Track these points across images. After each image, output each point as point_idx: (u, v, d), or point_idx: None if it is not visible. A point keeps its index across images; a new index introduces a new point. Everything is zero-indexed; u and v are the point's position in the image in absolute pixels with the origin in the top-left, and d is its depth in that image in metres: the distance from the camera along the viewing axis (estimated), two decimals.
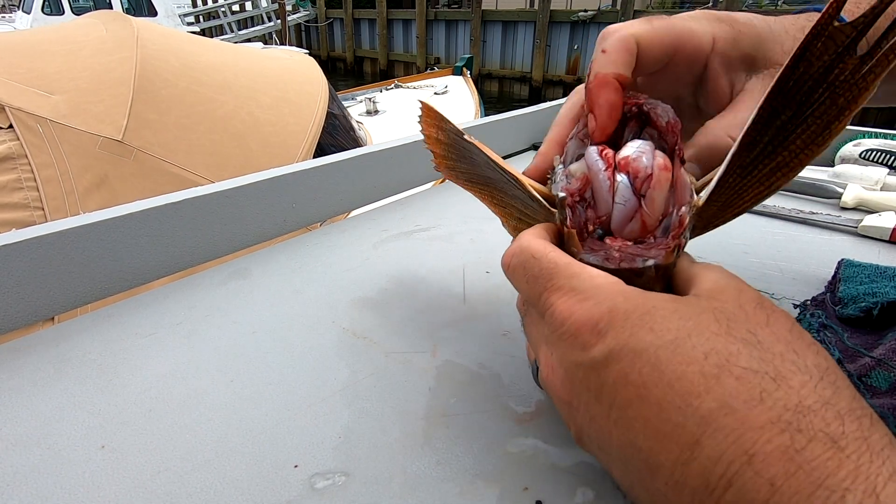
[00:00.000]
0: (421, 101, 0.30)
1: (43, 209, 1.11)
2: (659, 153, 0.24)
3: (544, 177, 0.28)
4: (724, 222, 0.25)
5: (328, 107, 1.73)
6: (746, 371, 0.16)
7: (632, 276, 0.21)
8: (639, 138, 0.25)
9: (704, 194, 0.23)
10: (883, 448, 0.15)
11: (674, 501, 0.17)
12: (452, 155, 0.30)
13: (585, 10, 8.47)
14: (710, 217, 0.25)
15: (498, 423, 0.26)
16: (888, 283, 0.34)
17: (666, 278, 0.22)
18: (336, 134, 1.78)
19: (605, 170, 0.24)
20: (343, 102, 2.50)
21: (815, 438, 0.15)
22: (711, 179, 0.23)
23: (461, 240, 0.47)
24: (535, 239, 0.23)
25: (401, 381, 0.29)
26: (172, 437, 0.26)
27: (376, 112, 2.95)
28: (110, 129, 1.23)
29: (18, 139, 1.14)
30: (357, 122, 2.31)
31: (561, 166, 0.26)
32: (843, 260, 0.39)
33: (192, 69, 1.49)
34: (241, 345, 0.33)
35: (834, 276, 0.37)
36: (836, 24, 0.20)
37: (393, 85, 3.70)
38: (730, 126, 0.26)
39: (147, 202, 0.39)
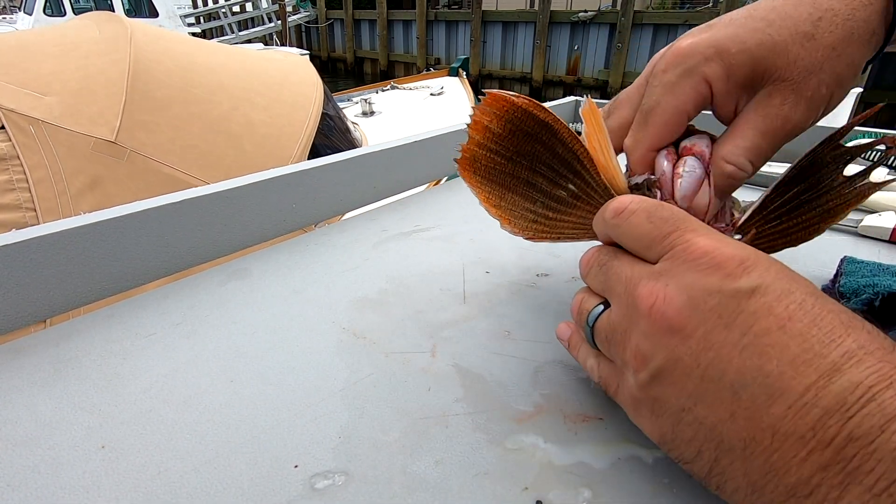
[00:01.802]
0: (488, 91, 0.29)
1: (35, 210, 1.11)
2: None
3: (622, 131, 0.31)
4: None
5: (323, 108, 1.73)
6: (872, 331, 0.18)
7: None
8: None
9: (743, 217, 0.27)
10: None
11: (788, 425, 0.17)
12: (493, 145, 0.30)
13: (585, 11, 8.47)
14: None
15: (498, 423, 0.26)
16: (890, 278, 0.34)
17: None
18: (331, 135, 1.78)
19: (668, 155, 0.28)
20: (339, 104, 2.50)
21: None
22: (749, 210, 0.28)
23: (461, 240, 0.47)
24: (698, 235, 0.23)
25: (400, 381, 0.29)
26: (172, 437, 0.26)
27: (372, 113, 2.94)
28: (103, 131, 1.23)
29: (10, 140, 1.13)
30: (353, 123, 2.31)
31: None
32: (845, 257, 0.39)
33: (186, 70, 1.49)
34: (241, 345, 0.33)
35: (836, 273, 0.37)
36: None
37: (389, 86, 3.70)
38: (729, 154, 0.27)
39: (147, 202, 0.39)
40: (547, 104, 0.80)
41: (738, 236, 0.25)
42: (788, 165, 0.27)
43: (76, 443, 0.25)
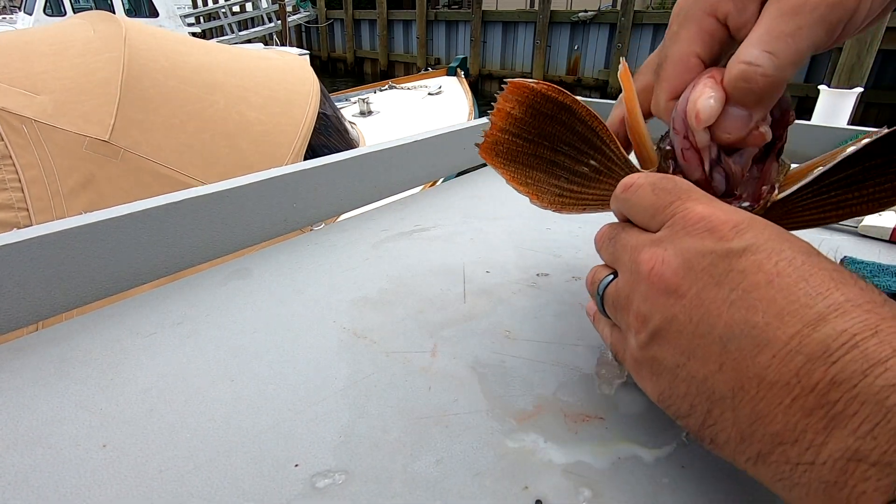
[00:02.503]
0: (510, 80, 0.31)
1: (28, 210, 1.10)
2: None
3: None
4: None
5: (320, 107, 1.73)
6: (865, 287, 0.18)
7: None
8: None
9: (784, 193, 0.25)
10: None
11: (772, 373, 0.18)
12: (515, 129, 0.32)
13: (585, 11, 8.47)
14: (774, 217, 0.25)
15: (498, 423, 0.26)
16: (890, 278, 0.34)
17: None
18: (328, 134, 1.78)
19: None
20: (337, 103, 2.50)
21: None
22: (794, 186, 0.26)
23: (461, 240, 0.47)
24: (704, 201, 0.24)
25: (401, 381, 0.29)
26: (173, 437, 0.26)
27: (370, 113, 2.94)
28: (97, 129, 1.22)
29: (3, 139, 1.12)
30: (350, 122, 2.31)
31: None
32: (845, 257, 0.39)
33: (181, 69, 1.48)
34: (242, 344, 0.33)
35: None
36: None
37: (387, 86, 3.70)
38: (740, 52, 0.22)
39: (147, 202, 0.39)
40: None
41: (745, 204, 0.24)
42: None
43: (77, 442, 0.25)
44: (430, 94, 3.38)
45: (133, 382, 0.30)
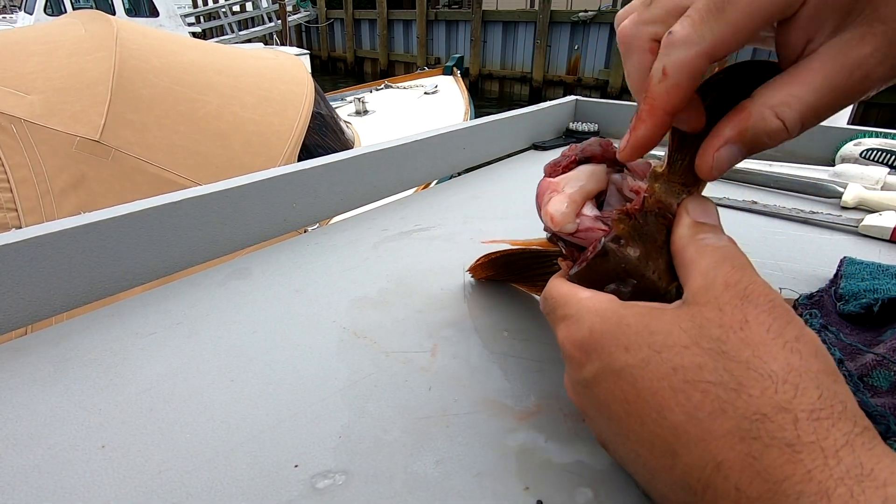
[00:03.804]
0: (469, 270, 0.40)
1: (17, 210, 1.09)
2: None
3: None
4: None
5: (315, 106, 1.72)
6: (710, 384, 0.17)
7: (604, 262, 0.23)
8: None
9: (665, 159, 0.24)
10: (839, 449, 0.15)
11: (674, 500, 0.18)
12: (493, 273, 0.39)
13: (586, 11, 8.46)
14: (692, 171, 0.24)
15: (498, 423, 0.26)
16: (889, 281, 0.34)
17: (646, 247, 0.23)
18: (323, 134, 1.77)
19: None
20: (333, 103, 2.49)
21: (771, 445, 0.16)
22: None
23: (461, 240, 0.47)
24: (552, 280, 0.25)
25: (401, 381, 0.29)
26: (173, 437, 0.26)
27: (366, 112, 2.94)
28: (87, 129, 1.21)
29: None
30: (346, 122, 2.31)
31: None
32: (845, 257, 0.39)
33: (173, 68, 1.47)
34: (242, 344, 0.33)
35: (836, 274, 0.37)
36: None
37: (383, 85, 3.69)
38: (783, 102, 0.19)
39: (147, 202, 0.39)
40: (546, 104, 0.80)
41: (602, 239, 0.23)
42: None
43: (76, 442, 0.25)
44: (426, 93, 3.37)
45: (132, 382, 0.29)
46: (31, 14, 7.56)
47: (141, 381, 0.30)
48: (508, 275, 0.39)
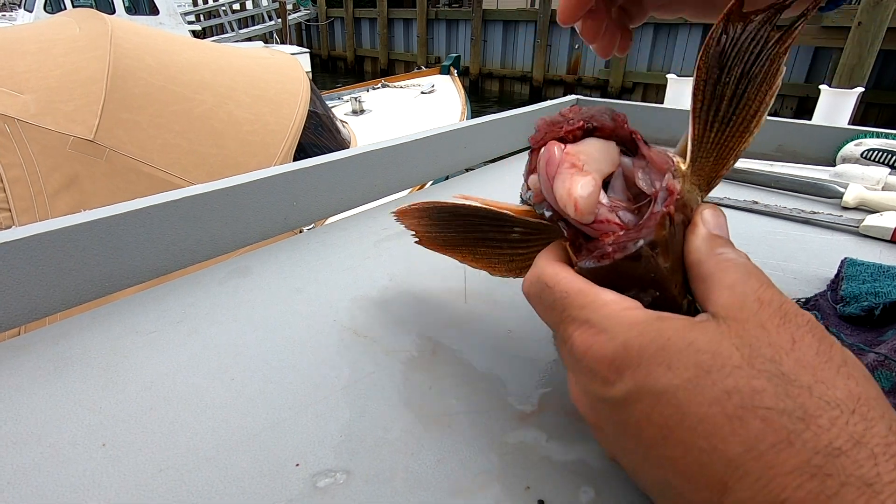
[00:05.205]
0: (394, 212, 0.35)
1: (10, 210, 1.09)
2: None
3: None
4: (724, 173, 0.24)
5: (311, 106, 1.72)
6: (772, 411, 0.15)
7: (632, 266, 0.21)
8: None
9: (688, 155, 0.23)
10: None
11: None
12: (434, 229, 0.34)
13: None
14: (709, 173, 0.24)
15: (499, 422, 0.26)
16: (890, 283, 0.34)
17: (674, 258, 0.21)
18: (319, 133, 1.77)
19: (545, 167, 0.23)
20: (329, 102, 2.48)
21: (848, 483, 0.14)
22: (687, 141, 0.23)
23: None
24: (549, 264, 0.23)
25: (402, 380, 0.29)
26: (173, 436, 0.26)
27: (362, 112, 2.94)
28: (81, 129, 1.20)
29: None
30: (342, 121, 2.31)
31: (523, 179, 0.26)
32: (846, 259, 0.39)
33: (168, 67, 1.46)
34: (242, 343, 0.33)
35: (837, 275, 0.37)
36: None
37: (380, 84, 3.69)
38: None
39: (147, 200, 0.39)
40: (546, 103, 0.80)
41: (640, 242, 0.20)
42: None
43: (77, 441, 0.25)
44: (422, 92, 3.37)
45: (133, 381, 0.29)
46: (30, 12, 7.55)
47: (141, 379, 0.30)
48: (449, 231, 0.33)
